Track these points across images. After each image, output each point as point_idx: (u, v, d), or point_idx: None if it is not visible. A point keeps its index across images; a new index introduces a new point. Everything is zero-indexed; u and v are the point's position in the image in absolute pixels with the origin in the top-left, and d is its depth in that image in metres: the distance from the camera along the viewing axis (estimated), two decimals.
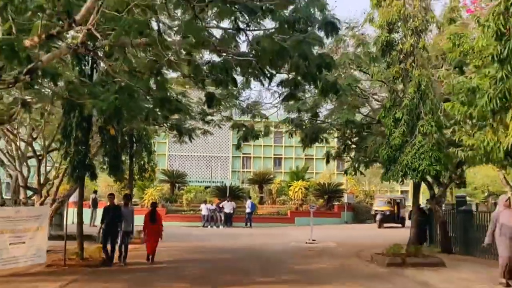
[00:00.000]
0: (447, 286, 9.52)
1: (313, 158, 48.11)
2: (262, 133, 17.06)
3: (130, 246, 12.69)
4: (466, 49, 9.52)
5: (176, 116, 14.48)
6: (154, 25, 8.27)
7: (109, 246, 11.89)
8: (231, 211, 28.89)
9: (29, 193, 16.31)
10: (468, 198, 27.00)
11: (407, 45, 11.56)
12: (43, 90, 10.83)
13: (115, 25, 7.48)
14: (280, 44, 7.67)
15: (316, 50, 9.62)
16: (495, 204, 17.41)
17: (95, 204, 24.82)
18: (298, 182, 32.80)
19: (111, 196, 12.63)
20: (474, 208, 20.51)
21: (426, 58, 11.78)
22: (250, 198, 31.98)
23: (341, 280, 10.29)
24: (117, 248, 12.00)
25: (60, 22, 7.61)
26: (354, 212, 34.02)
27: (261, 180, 37.52)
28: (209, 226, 28.21)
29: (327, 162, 17.36)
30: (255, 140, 18.09)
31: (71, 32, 8.41)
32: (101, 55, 8.71)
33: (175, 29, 9.06)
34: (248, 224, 28.95)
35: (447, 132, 11.99)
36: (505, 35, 7.17)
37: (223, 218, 28.77)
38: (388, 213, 29.15)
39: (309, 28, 8.53)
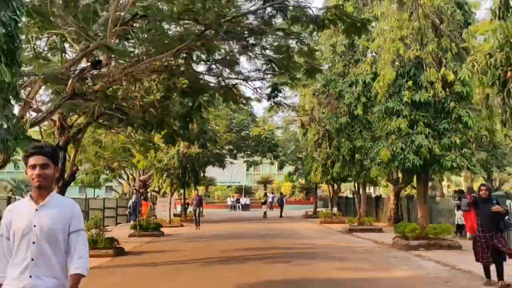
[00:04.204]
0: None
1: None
2: (260, 162, 35.94)
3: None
4: None
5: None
6: None
7: None
8: (248, 203, 47.95)
9: None
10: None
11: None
12: None
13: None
14: None
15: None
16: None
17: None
18: (287, 183, 51.59)
19: None
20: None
21: None
22: (272, 193, 50.74)
23: (289, 223, 28.88)
24: None
25: None
26: (324, 201, 52.46)
27: (265, 181, 56.35)
28: (232, 211, 47.32)
29: (289, 176, 36.24)
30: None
31: None
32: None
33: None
34: (270, 209, 47.51)
35: None
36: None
37: (239, 206, 48.06)
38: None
39: None
